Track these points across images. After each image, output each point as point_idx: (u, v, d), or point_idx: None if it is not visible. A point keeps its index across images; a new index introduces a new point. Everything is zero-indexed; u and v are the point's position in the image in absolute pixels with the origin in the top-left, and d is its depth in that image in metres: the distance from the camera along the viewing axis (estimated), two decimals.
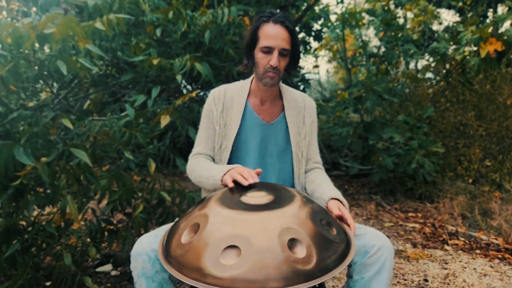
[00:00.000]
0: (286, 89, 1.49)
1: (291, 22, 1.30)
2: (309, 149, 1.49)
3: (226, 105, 1.42)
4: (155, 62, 2.01)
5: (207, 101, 1.46)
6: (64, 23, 1.47)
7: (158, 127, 1.90)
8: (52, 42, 1.51)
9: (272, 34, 1.26)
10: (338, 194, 1.27)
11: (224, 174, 1.19)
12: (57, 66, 1.52)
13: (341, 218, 1.17)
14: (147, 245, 1.08)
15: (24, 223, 1.74)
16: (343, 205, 1.24)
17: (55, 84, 2.69)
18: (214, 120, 1.42)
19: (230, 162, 1.42)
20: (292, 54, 1.33)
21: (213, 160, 1.46)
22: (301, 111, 1.47)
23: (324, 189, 1.31)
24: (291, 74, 1.38)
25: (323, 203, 1.24)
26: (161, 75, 2.29)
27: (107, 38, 2.34)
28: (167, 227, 1.19)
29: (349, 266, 1.19)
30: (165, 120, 1.82)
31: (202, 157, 1.42)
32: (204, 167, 1.33)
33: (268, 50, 1.27)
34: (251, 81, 1.45)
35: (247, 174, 1.12)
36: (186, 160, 2.09)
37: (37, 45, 1.55)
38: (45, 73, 1.77)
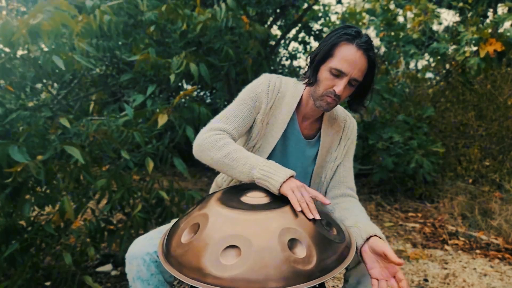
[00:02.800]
0: None
1: (374, 52, 1.14)
2: (342, 171, 1.32)
3: (276, 103, 1.25)
4: (141, 57, 1.98)
5: (259, 84, 1.25)
6: (57, 13, 1.44)
7: (155, 126, 1.89)
8: (44, 36, 1.47)
9: (351, 59, 1.10)
10: (378, 230, 1.07)
11: (285, 182, 1.00)
12: (53, 64, 1.51)
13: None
14: (142, 248, 1.07)
15: (23, 223, 1.74)
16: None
17: (55, 85, 2.69)
18: (261, 113, 1.24)
19: None
20: (361, 87, 1.20)
21: None
22: (339, 131, 1.33)
23: (364, 222, 1.10)
24: (353, 108, 1.26)
25: (360, 235, 1.05)
26: (159, 74, 2.29)
27: (106, 37, 2.34)
28: (163, 228, 1.17)
29: (346, 269, 1.18)
30: (162, 120, 1.79)
31: (230, 137, 1.17)
32: (242, 149, 1.10)
33: (338, 74, 1.12)
34: (304, 89, 1.29)
35: (313, 207, 0.96)
36: (184, 160, 2.09)
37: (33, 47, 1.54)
38: (44, 72, 1.77)
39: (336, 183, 1.32)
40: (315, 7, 5.22)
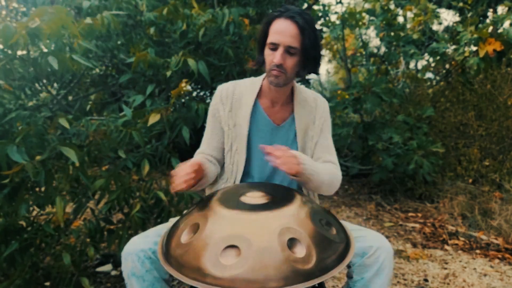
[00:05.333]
0: (298, 90, 1.38)
1: (306, 19, 1.19)
2: (319, 148, 1.37)
3: (235, 104, 1.34)
4: (138, 56, 1.99)
5: (214, 98, 1.37)
6: (56, 17, 1.46)
7: (154, 126, 1.89)
8: (43, 38, 1.49)
9: (279, 30, 1.18)
10: (304, 157, 1.17)
11: None
12: (50, 64, 1.52)
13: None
14: (136, 245, 1.09)
15: (23, 223, 1.73)
16: (303, 161, 1.14)
17: (55, 84, 2.68)
18: (222, 120, 1.34)
19: (245, 164, 1.34)
20: (305, 54, 1.22)
21: (217, 162, 1.38)
22: (312, 111, 1.38)
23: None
24: (300, 75, 1.29)
25: None
26: (157, 74, 2.29)
27: (105, 37, 2.34)
28: (159, 227, 1.19)
29: (348, 267, 1.19)
30: (153, 119, 1.79)
31: (200, 156, 1.36)
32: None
33: (274, 47, 1.20)
34: (263, 80, 1.36)
35: (178, 179, 1.10)
36: (184, 160, 2.08)
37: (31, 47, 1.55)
38: (43, 72, 1.77)
39: (315, 159, 1.37)
40: (315, 7, 5.22)
